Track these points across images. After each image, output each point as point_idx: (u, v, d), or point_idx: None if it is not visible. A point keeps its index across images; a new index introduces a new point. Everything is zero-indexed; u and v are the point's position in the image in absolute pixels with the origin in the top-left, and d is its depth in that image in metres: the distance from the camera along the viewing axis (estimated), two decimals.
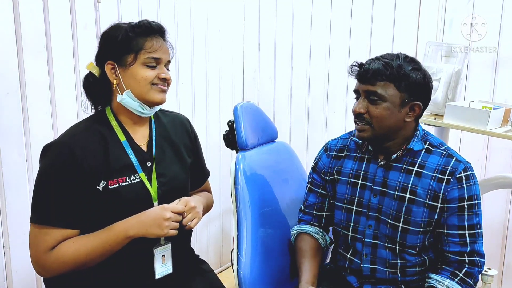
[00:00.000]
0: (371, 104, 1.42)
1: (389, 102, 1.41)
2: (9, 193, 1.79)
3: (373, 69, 1.41)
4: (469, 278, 1.41)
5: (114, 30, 1.37)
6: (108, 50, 1.37)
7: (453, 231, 1.42)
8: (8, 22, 1.73)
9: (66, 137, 1.35)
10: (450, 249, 1.43)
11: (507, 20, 2.18)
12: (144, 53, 1.34)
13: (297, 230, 1.66)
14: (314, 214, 1.66)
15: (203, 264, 1.61)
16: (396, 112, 1.42)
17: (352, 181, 1.55)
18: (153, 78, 1.35)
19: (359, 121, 1.45)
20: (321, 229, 1.65)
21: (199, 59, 2.57)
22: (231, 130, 1.76)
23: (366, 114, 1.43)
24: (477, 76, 2.28)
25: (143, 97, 1.36)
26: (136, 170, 1.37)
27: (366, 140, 1.50)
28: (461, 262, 1.42)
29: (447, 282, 1.41)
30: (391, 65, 1.40)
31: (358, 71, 1.45)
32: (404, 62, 1.42)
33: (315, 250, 1.60)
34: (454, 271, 1.42)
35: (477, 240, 1.43)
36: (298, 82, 2.82)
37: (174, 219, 1.33)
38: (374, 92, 1.41)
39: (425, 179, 1.44)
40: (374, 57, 1.45)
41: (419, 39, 2.39)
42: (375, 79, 1.41)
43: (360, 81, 1.45)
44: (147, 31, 1.36)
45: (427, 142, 1.49)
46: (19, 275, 1.86)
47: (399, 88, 1.41)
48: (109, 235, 1.30)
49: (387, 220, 1.48)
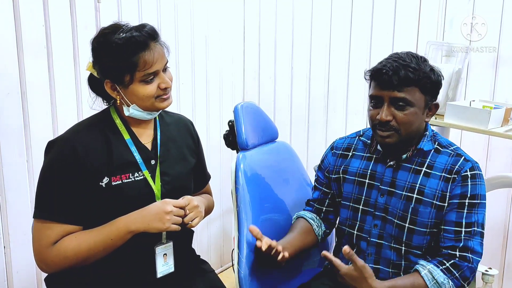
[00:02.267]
0: (398, 110, 1.38)
1: (416, 106, 1.39)
2: (10, 193, 1.79)
3: (398, 74, 1.35)
4: (455, 269, 1.39)
5: (103, 47, 1.30)
6: (102, 69, 1.33)
7: (450, 227, 1.41)
8: (9, 22, 1.73)
9: (69, 134, 1.36)
10: (445, 244, 1.42)
11: (507, 20, 2.18)
12: (139, 71, 1.29)
13: (296, 215, 1.69)
14: (315, 206, 1.69)
15: (204, 264, 1.61)
16: (421, 114, 1.42)
17: (359, 180, 1.55)
18: (154, 92, 1.33)
19: (384, 128, 1.40)
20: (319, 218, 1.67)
21: (199, 59, 2.57)
22: (232, 130, 1.76)
23: (393, 121, 1.39)
24: (478, 75, 2.28)
25: (149, 109, 1.37)
26: (140, 168, 1.38)
27: (391, 146, 1.45)
28: (451, 255, 1.40)
29: (429, 266, 1.39)
30: (414, 68, 1.36)
31: (381, 77, 1.38)
32: (421, 63, 1.39)
33: (304, 229, 1.61)
34: (442, 260, 1.41)
35: (473, 237, 1.40)
36: (298, 82, 2.82)
37: (176, 213, 1.33)
38: (403, 98, 1.37)
39: (433, 179, 1.43)
40: (391, 59, 1.39)
41: (419, 38, 2.39)
42: (402, 85, 1.36)
43: (382, 87, 1.39)
44: (137, 46, 1.28)
45: (436, 142, 1.49)
46: (19, 275, 1.86)
47: (424, 91, 1.39)
48: (111, 230, 1.30)
49: (393, 220, 1.47)
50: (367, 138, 1.59)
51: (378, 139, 1.45)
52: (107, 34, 1.30)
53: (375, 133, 1.45)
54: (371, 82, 1.44)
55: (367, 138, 1.59)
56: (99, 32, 1.33)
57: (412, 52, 1.43)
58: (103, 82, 1.35)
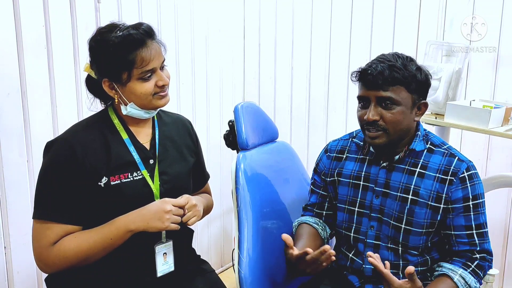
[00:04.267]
0: (385, 110, 1.39)
1: (403, 105, 1.39)
2: (10, 194, 1.79)
3: (383, 74, 1.37)
4: (480, 270, 1.42)
5: (101, 46, 1.31)
6: (100, 68, 1.34)
7: (461, 231, 1.42)
8: (9, 23, 1.73)
9: (67, 134, 1.36)
10: (460, 249, 1.43)
11: (507, 20, 2.18)
12: (136, 68, 1.30)
13: (297, 222, 1.66)
14: (314, 211, 1.67)
15: (204, 264, 1.61)
16: (409, 114, 1.42)
17: (354, 183, 1.55)
18: (152, 89, 1.34)
19: (372, 128, 1.41)
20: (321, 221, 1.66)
21: (199, 59, 2.57)
22: (232, 130, 1.76)
23: (381, 120, 1.40)
24: (478, 75, 2.28)
25: (147, 107, 1.37)
26: (139, 167, 1.38)
27: (381, 146, 1.45)
28: (472, 258, 1.42)
29: (460, 271, 1.39)
30: (399, 68, 1.37)
31: (366, 78, 1.39)
32: (407, 62, 1.40)
33: (312, 235, 1.59)
34: (466, 263, 1.42)
35: (485, 239, 1.43)
36: (298, 82, 2.82)
37: (175, 213, 1.33)
38: (388, 97, 1.38)
39: (427, 180, 1.43)
40: (376, 60, 1.41)
41: (419, 38, 2.39)
42: (386, 84, 1.37)
43: (368, 87, 1.40)
44: (134, 43, 1.29)
45: (429, 141, 1.49)
46: (20, 276, 1.86)
47: (410, 90, 1.39)
48: (110, 230, 1.30)
49: (389, 221, 1.48)
50: (360, 140, 1.59)
51: (367, 140, 1.45)
52: (104, 33, 1.31)
53: (364, 134, 1.46)
54: (359, 83, 1.45)
55: (360, 140, 1.59)
56: (96, 31, 1.34)
57: (398, 52, 1.44)
58: (100, 82, 1.35)
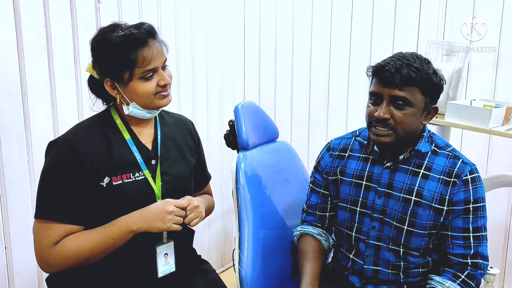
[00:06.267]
0: (396, 109, 1.37)
1: (415, 107, 1.37)
2: (10, 194, 1.79)
3: (401, 73, 1.34)
4: (471, 280, 1.40)
5: (102, 46, 1.31)
6: (102, 68, 1.34)
7: (458, 233, 1.42)
8: (9, 23, 1.73)
9: (69, 134, 1.36)
10: (454, 252, 1.42)
11: (507, 20, 2.17)
12: (138, 68, 1.30)
13: (299, 231, 1.64)
14: (317, 214, 1.64)
15: (205, 264, 1.61)
16: (419, 116, 1.40)
17: (356, 182, 1.53)
18: (154, 89, 1.34)
19: (380, 126, 1.38)
20: (324, 230, 1.64)
21: (199, 59, 2.57)
22: (232, 129, 1.76)
23: (391, 119, 1.37)
24: (478, 74, 2.28)
25: (149, 106, 1.37)
26: (141, 168, 1.38)
27: (386, 145, 1.43)
28: (463, 265, 1.41)
29: (448, 283, 1.40)
30: (417, 68, 1.34)
31: (383, 74, 1.36)
32: (425, 64, 1.37)
33: (317, 252, 1.59)
34: (456, 273, 1.41)
35: (481, 242, 1.41)
36: (298, 82, 2.82)
37: (177, 214, 1.33)
38: (403, 97, 1.35)
39: (432, 181, 1.42)
40: (394, 58, 1.38)
41: (419, 37, 2.39)
42: (403, 84, 1.35)
43: (384, 84, 1.37)
44: (136, 43, 1.29)
45: (433, 143, 1.47)
46: (21, 276, 1.86)
47: (424, 93, 1.37)
48: (112, 230, 1.31)
49: (391, 222, 1.46)
50: (363, 139, 1.57)
51: (372, 137, 1.42)
52: (106, 33, 1.32)
53: (370, 131, 1.42)
54: (372, 78, 1.42)
55: (363, 139, 1.57)
56: (98, 31, 1.34)
57: (417, 53, 1.41)
58: (102, 82, 1.35)
